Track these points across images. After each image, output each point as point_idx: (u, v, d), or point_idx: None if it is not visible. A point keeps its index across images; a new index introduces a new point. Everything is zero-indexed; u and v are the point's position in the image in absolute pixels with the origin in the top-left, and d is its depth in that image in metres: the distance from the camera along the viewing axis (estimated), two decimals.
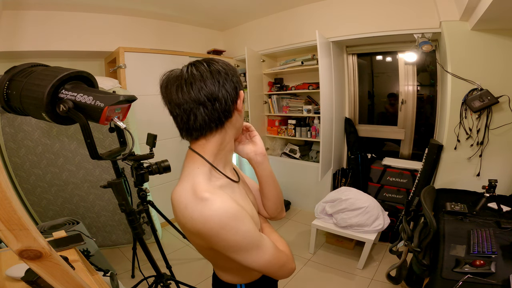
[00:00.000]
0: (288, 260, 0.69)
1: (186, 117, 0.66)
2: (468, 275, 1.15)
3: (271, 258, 0.64)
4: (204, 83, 0.63)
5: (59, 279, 0.48)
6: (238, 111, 0.70)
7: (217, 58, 0.71)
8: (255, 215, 0.75)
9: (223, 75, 0.65)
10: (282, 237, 0.80)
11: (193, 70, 0.65)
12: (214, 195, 0.59)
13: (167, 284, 1.66)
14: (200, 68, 0.65)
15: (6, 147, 2.10)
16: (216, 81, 0.63)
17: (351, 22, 2.58)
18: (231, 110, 0.67)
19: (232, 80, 0.66)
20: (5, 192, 0.37)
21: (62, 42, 2.40)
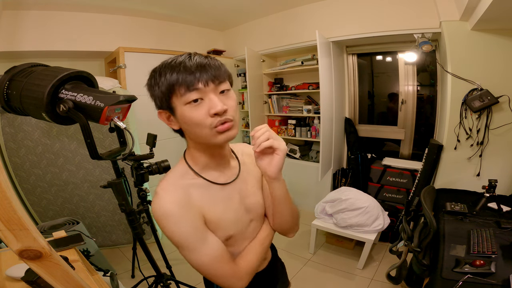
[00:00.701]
0: (232, 277, 0.68)
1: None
2: (468, 275, 1.15)
3: (205, 265, 0.66)
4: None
5: (59, 279, 0.48)
6: (174, 128, 0.73)
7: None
8: (226, 220, 0.72)
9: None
10: (256, 256, 0.77)
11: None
12: (164, 192, 0.66)
13: (167, 284, 1.66)
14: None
15: (6, 147, 2.10)
16: (148, 85, 0.72)
17: (351, 22, 2.58)
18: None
19: (151, 94, 0.69)
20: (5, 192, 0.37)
21: (62, 42, 2.39)
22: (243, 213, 0.79)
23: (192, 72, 0.61)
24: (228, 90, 0.66)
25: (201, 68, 0.61)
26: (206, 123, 0.63)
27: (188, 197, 0.67)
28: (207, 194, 0.71)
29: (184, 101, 0.62)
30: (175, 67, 0.62)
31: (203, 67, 0.62)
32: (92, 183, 2.37)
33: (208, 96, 0.62)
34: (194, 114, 0.62)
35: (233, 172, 0.79)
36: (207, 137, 0.65)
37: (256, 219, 0.83)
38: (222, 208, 0.72)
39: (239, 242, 0.79)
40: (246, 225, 0.80)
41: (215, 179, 0.73)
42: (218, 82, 0.63)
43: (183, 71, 0.61)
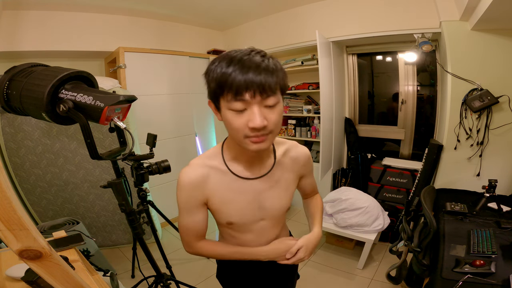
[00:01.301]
0: (186, 244, 0.85)
1: None
2: (468, 275, 1.15)
3: (180, 227, 0.84)
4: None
5: (59, 279, 0.48)
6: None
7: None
8: (229, 208, 0.80)
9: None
10: (211, 254, 0.87)
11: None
12: (190, 167, 0.79)
13: (167, 284, 1.66)
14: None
15: (6, 147, 2.10)
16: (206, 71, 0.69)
17: (351, 22, 2.58)
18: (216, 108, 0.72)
19: (205, 82, 0.69)
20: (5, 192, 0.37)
21: (62, 42, 2.39)
22: (254, 210, 0.82)
23: (245, 73, 0.59)
24: (276, 104, 0.65)
25: (255, 70, 0.59)
26: (242, 132, 0.65)
27: (204, 179, 0.77)
28: (222, 181, 0.78)
29: (229, 106, 0.63)
30: (232, 62, 0.60)
31: (257, 68, 0.60)
32: (92, 183, 2.37)
33: (252, 108, 0.62)
34: (234, 120, 0.64)
35: (261, 171, 0.81)
36: (240, 142, 0.69)
37: (268, 219, 0.86)
38: (229, 197, 0.79)
39: (242, 232, 0.85)
40: (254, 221, 0.84)
41: (237, 171, 0.79)
42: (266, 95, 0.62)
43: (238, 70, 0.59)
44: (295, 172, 0.88)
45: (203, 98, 3.33)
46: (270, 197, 0.83)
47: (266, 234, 0.88)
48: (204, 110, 3.37)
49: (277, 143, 0.87)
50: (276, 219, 0.88)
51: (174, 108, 2.99)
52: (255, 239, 0.87)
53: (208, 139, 3.49)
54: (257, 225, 0.85)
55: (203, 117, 3.37)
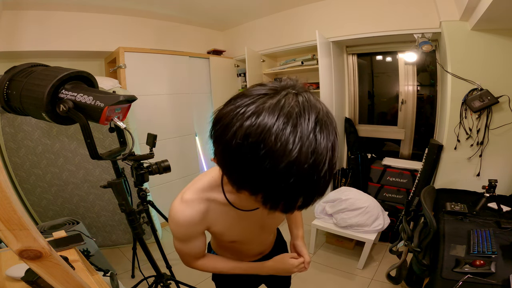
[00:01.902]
0: (186, 262, 0.83)
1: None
2: (468, 275, 1.15)
3: (177, 251, 0.78)
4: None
5: (59, 279, 0.48)
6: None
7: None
8: (232, 232, 0.79)
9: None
10: (212, 270, 0.87)
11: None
12: (187, 205, 0.69)
13: (167, 284, 1.66)
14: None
15: (6, 147, 2.10)
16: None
17: (351, 22, 2.58)
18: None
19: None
20: (5, 192, 0.37)
21: (62, 42, 2.39)
22: (256, 229, 0.85)
23: (313, 194, 0.44)
24: None
25: (323, 187, 0.44)
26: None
27: (204, 214, 0.70)
28: (222, 212, 0.73)
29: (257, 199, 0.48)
30: (306, 173, 0.40)
31: (325, 184, 0.44)
32: (92, 183, 2.37)
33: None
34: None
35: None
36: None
37: (268, 231, 0.94)
38: (231, 225, 0.77)
39: (244, 245, 0.89)
40: (256, 236, 0.88)
41: (239, 205, 0.72)
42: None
43: (316, 186, 0.42)
44: None
45: (203, 98, 3.34)
46: (271, 217, 0.84)
47: (264, 242, 0.97)
48: (204, 110, 3.37)
49: None
50: (273, 231, 0.98)
51: (174, 108, 2.99)
52: (256, 247, 0.95)
53: (208, 139, 3.49)
54: (259, 237, 0.91)
55: (203, 117, 3.37)
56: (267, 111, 0.41)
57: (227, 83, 3.52)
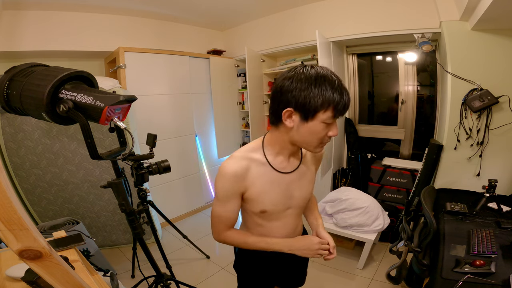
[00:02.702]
0: (215, 232, 0.94)
1: (271, 102, 0.83)
2: (468, 275, 1.15)
3: (212, 215, 0.92)
4: (289, 81, 0.76)
5: (59, 279, 0.48)
6: (287, 125, 0.79)
7: (320, 66, 0.78)
8: (265, 198, 0.88)
9: (298, 84, 0.75)
10: (235, 242, 0.95)
11: (300, 69, 0.77)
12: (233, 159, 0.85)
13: (167, 284, 1.66)
14: (302, 69, 0.77)
15: (6, 147, 2.10)
16: (293, 86, 0.75)
17: (351, 22, 2.58)
18: (280, 116, 0.79)
19: (293, 95, 0.75)
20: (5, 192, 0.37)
21: (62, 42, 2.40)
22: (285, 199, 0.92)
23: (342, 97, 0.75)
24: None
25: (347, 94, 0.76)
26: (321, 138, 0.79)
27: (245, 171, 0.85)
28: (261, 173, 0.87)
29: (326, 119, 0.75)
30: (335, 86, 0.74)
31: (347, 93, 0.76)
32: (92, 183, 2.37)
33: (336, 123, 0.79)
34: (321, 130, 0.77)
35: (294, 165, 0.92)
36: (309, 145, 0.82)
37: (294, 208, 0.97)
38: (266, 188, 0.88)
39: (270, 220, 0.94)
40: (283, 210, 0.94)
41: (276, 166, 0.88)
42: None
43: (339, 94, 0.74)
44: (314, 166, 1.00)
45: (203, 98, 3.34)
46: (298, 187, 0.94)
47: (290, 223, 0.99)
48: (204, 110, 3.37)
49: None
50: (300, 208, 1.00)
51: (174, 108, 2.99)
52: (281, 227, 0.97)
53: (208, 139, 3.49)
54: (285, 213, 0.95)
55: (203, 117, 3.37)
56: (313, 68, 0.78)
57: (227, 83, 3.52)
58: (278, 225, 0.96)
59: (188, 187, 3.21)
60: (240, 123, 3.80)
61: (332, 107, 0.74)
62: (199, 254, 2.45)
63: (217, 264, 2.34)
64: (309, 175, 0.97)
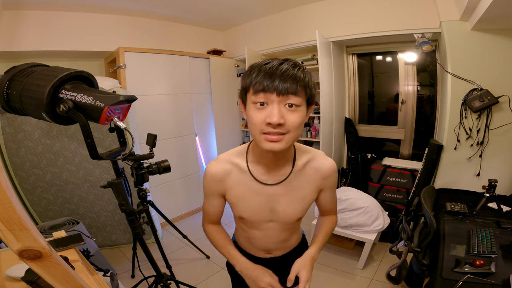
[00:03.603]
0: (203, 223, 0.99)
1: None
2: (468, 275, 1.15)
3: (202, 209, 0.97)
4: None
5: (59, 279, 0.48)
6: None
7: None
8: (242, 205, 0.87)
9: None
10: (210, 238, 0.97)
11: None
12: (217, 161, 0.87)
13: (167, 284, 1.66)
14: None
15: (6, 147, 2.10)
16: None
17: (351, 22, 2.58)
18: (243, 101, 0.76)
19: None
20: (5, 192, 0.37)
21: (62, 42, 2.40)
22: (265, 211, 0.87)
23: (273, 76, 0.65)
24: (297, 106, 0.68)
25: (281, 76, 0.65)
26: (259, 126, 0.69)
27: (225, 174, 0.85)
28: (240, 179, 0.85)
29: (253, 100, 0.69)
30: (263, 69, 0.67)
31: (285, 72, 0.65)
32: (92, 183, 2.37)
33: (272, 105, 0.67)
34: (255, 114, 0.69)
35: (278, 177, 0.83)
36: (256, 137, 0.72)
37: (277, 222, 0.89)
38: (244, 195, 0.85)
39: (250, 228, 0.92)
40: (263, 221, 0.89)
41: (256, 174, 0.84)
42: (285, 93, 0.66)
43: (267, 76, 0.66)
44: (315, 184, 0.87)
45: (203, 98, 3.34)
46: (283, 203, 0.85)
47: (272, 235, 0.92)
48: (204, 110, 3.37)
49: (301, 151, 0.87)
50: (285, 224, 0.90)
51: (174, 108, 2.99)
52: (261, 237, 0.93)
53: (208, 139, 3.49)
54: (266, 225, 0.90)
55: (203, 117, 3.37)
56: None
57: (227, 83, 3.52)
58: (259, 234, 0.92)
59: (188, 187, 3.21)
60: (240, 123, 3.80)
61: (251, 82, 0.69)
62: (199, 254, 2.45)
63: (217, 264, 2.34)
64: (300, 192, 0.85)
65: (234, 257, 0.89)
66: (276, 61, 0.69)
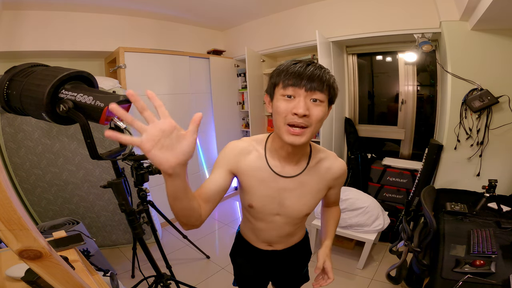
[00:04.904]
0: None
1: None
2: (468, 275, 1.15)
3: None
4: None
5: (59, 279, 0.48)
6: (268, 111, 0.83)
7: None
8: (253, 192, 0.87)
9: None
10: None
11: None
12: (240, 141, 0.90)
13: (167, 284, 1.66)
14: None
15: (6, 147, 2.10)
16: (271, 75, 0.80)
17: (351, 22, 2.58)
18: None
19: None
20: (5, 192, 0.37)
21: (62, 42, 2.40)
22: (274, 203, 0.89)
23: (303, 74, 0.71)
24: (321, 102, 0.74)
25: (312, 73, 0.71)
26: (284, 116, 0.74)
27: (245, 153, 0.87)
28: (256, 164, 0.86)
29: (281, 93, 0.74)
30: (292, 70, 0.73)
31: (314, 72, 0.72)
32: (92, 183, 2.37)
33: (299, 97, 0.72)
34: (282, 104, 0.74)
35: (292, 172, 0.87)
36: (279, 128, 0.76)
37: (283, 216, 0.92)
38: (256, 182, 0.86)
39: (258, 219, 0.93)
40: (270, 213, 0.91)
41: (271, 163, 0.86)
42: (313, 89, 0.72)
43: (296, 75, 0.72)
44: (326, 182, 0.92)
45: (203, 98, 3.34)
46: (292, 198, 0.88)
47: (278, 228, 0.95)
48: (204, 110, 3.37)
49: (315, 149, 0.91)
50: (291, 219, 0.93)
51: (174, 108, 2.99)
52: (267, 229, 0.95)
53: (208, 139, 3.49)
54: (273, 218, 0.92)
55: (203, 117, 3.35)
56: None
57: (227, 83, 3.52)
58: (264, 227, 0.94)
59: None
60: (240, 123, 3.80)
61: (281, 78, 0.74)
62: (199, 254, 2.45)
63: (217, 264, 2.34)
64: (310, 189, 0.89)
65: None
66: (303, 62, 0.74)
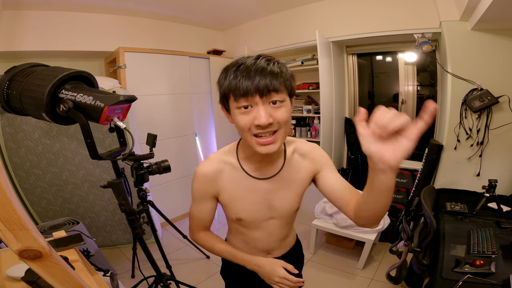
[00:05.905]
0: (191, 231, 0.94)
1: None
2: (468, 275, 1.15)
3: (190, 215, 0.91)
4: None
5: (59, 279, 0.48)
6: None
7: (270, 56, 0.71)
8: (238, 205, 0.84)
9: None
10: (204, 246, 0.92)
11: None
12: (207, 161, 0.83)
13: (167, 284, 1.66)
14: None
15: (6, 147, 2.10)
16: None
17: (351, 22, 2.58)
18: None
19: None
20: (5, 192, 0.37)
21: (62, 42, 2.40)
22: (264, 209, 0.85)
23: (250, 78, 0.63)
24: (282, 101, 0.67)
25: (260, 73, 0.64)
26: (248, 129, 0.68)
27: (217, 174, 0.81)
28: (233, 177, 0.82)
29: (236, 105, 0.67)
30: (239, 70, 0.66)
31: (262, 72, 0.64)
32: (92, 183, 2.37)
33: (256, 106, 0.65)
34: (241, 119, 0.67)
35: (272, 171, 0.83)
36: (250, 143, 0.71)
37: (277, 218, 0.88)
38: (239, 194, 0.83)
39: (251, 229, 0.88)
40: (263, 219, 0.87)
41: (249, 170, 0.82)
42: (267, 92, 0.64)
43: (244, 76, 0.64)
44: (305, 170, 0.85)
45: (203, 98, 3.34)
46: (279, 197, 0.85)
47: (275, 233, 0.91)
48: (204, 110, 3.37)
49: (288, 142, 0.87)
50: (285, 219, 0.90)
51: (174, 108, 2.99)
52: (264, 236, 0.90)
53: (208, 139, 3.49)
54: (267, 223, 0.88)
55: (203, 117, 3.37)
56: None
57: None
58: (260, 234, 0.89)
59: (188, 187, 3.20)
60: None
61: (230, 90, 0.66)
62: (199, 254, 2.45)
63: (217, 264, 2.34)
64: (293, 184, 0.85)
65: (241, 258, 0.87)
66: (249, 59, 0.67)
